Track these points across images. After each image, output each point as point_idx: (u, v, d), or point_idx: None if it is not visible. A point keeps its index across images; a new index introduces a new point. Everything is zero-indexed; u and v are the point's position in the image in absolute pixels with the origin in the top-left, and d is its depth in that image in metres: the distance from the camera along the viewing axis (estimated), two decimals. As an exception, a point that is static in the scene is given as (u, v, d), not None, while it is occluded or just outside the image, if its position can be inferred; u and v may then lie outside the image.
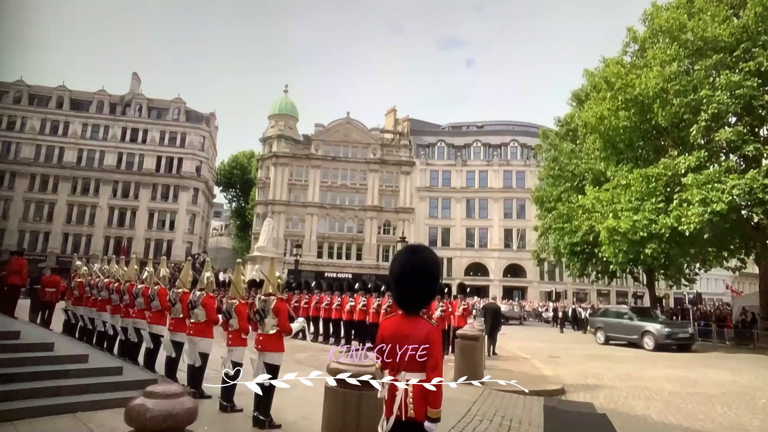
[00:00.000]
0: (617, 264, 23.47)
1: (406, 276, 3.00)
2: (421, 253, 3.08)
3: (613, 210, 20.88)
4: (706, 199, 17.53)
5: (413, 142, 56.54)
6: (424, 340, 2.81)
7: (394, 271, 3.07)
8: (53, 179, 52.31)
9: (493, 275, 53.04)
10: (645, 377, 12.11)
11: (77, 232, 52.18)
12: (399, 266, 3.06)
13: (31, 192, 51.71)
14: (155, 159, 54.66)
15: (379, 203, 53.87)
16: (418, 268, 3.00)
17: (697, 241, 19.47)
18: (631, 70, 21.74)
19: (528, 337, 24.16)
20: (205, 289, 7.15)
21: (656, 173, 19.96)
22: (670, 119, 19.96)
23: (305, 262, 48.65)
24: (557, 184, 30.65)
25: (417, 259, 3.03)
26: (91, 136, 53.85)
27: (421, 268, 3.00)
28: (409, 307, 2.98)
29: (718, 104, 18.29)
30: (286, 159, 53.81)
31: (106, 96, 55.05)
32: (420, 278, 2.99)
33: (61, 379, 6.22)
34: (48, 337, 7.30)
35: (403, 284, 3.01)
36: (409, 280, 2.99)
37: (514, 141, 55.99)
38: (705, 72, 19.80)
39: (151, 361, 8.23)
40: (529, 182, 50.52)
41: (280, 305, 5.87)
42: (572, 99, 31.41)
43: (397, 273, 3.04)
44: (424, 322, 2.91)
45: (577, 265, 31.00)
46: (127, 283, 9.21)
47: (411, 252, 3.10)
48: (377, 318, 13.76)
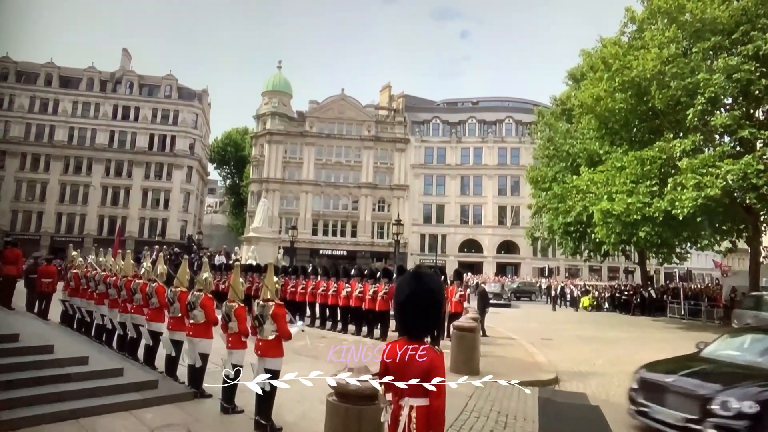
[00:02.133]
0: (610, 245, 23.70)
1: (412, 303, 3.04)
2: (426, 280, 3.11)
3: (608, 192, 20.96)
4: (700, 184, 17.62)
5: (408, 118, 56.17)
6: (427, 369, 2.85)
7: (400, 298, 3.12)
8: (45, 158, 51.78)
9: (487, 252, 53.45)
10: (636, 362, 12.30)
11: (71, 212, 51.91)
12: (404, 294, 3.10)
13: (22, 171, 51.20)
14: (148, 137, 54.08)
15: (373, 180, 53.81)
16: (423, 296, 3.04)
17: (690, 225, 19.63)
18: (629, 51, 21.54)
19: (520, 317, 24.52)
20: (203, 290, 7.17)
21: (651, 156, 19.98)
22: (667, 102, 19.88)
23: (300, 239, 48.72)
24: (552, 164, 30.69)
25: (423, 287, 3.06)
26: (82, 114, 53.11)
27: (426, 296, 3.04)
28: (414, 333, 3.03)
29: (715, 88, 18.22)
30: (280, 136, 53.40)
31: (96, 73, 54.07)
32: (425, 306, 3.04)
33: (63, 383, 6.28)
34: (47, 338, 7.33)
35: (408, 310, 3.06)
36: (415, 307, 3.03)
37: (509, 117, 55.76)
38: (703, 55, 19.67)
39: (151, 358, 8.29)
40: (523, 159, 50.53)
41: (279, 311, 5.92)
42: (568, 78, 31.19)
43: (402, 300, 3.09)
44: (428, 349, 2.95)
45: (570, 244, 31.29)
46: (125, 279, 9.23)
47: (416, 279, 3.13)
48: (373, 304, 13.88)
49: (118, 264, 9.85)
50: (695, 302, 26.17)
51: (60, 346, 7.11)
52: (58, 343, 7.23)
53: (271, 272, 6.22)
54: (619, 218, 20.19)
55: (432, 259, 51.14)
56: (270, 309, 5.92)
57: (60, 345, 7.17)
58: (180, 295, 7.53)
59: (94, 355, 7.43)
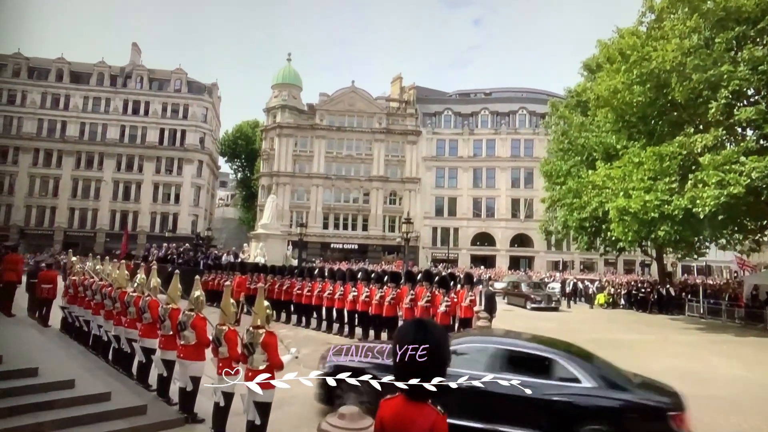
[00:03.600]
0: (626, 242, 22.98)
1: (413, 357, 2.60)
2: (432, 330, 2.70)
3: (624, 188, 20.22)
4: (723, 181, 16.85)
5: (419, 110, 55.44)
6: None
7: (400, 349, 2.69)
8: (57, 154, 52.04)
9: (500, 245, 52.80)
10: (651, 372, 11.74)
11: (83, 207, 52.20)
12: (405, 345, 2.67)
13: (35, 167, 51.52)
14: (158, 131, 54.10)
15: (384, 173, 53.30)
16: (428, 349, 2.60)
17: (712, 223, 18.85)
18: (648, 41, 20.67)
19: (533, 315, 23.94)
20: (195, 309, 6.78)
21: (671, 152, 19.19)
22: (688, 95, 19.03)
23: (311, 233, 48.58)
24: (566, 158, 29.90)
25: (428, 338, 2.63)
26: (93, 109, 53.22)
27: (431, 349, 2.60)
28: (415, 392, 2.60)
29: (739, 80, 17.37)
30: (290, 130, 53.04)
31: (106, 68, 54.09)
32: (430, 361, 2.60)
33: (45, 411, 5.95)
34: (32, 359, 6.99)
35: (409, 365, 2.63)
36: (417, 361, 2.60)
37: (522, 109, 54.81)
38: (726, 45, 18.75)
39: (144, 375, 7.97)
40: (537, 151, 49.67)
41: (269, 339, 5.49)
42: (583, 69, 30.28)
43: (402, 352, 2.66)
44: (429, 410, 2.55)
45: (585, 240, 30.59)
46: (119, 290, 8.89)
47: (421, 329, 2.70)
48: (380, 309, 13.52)
49: (114, 273, 9.51)
50: (715, 301, 25.36)
51: (45, 368, 6.75)
52: (44, 364, 6.87)
53: (262, 296, 5.79)
54: (636, 216, 19.47)
55: (444, 252, 50.74)
56: (260, 337, 5.50)
57: (46, 366, 6.82)
58: (171, 313, 7.15)
59: (83, 375, 7.09)
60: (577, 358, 6.42)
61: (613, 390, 5.93)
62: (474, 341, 7.00)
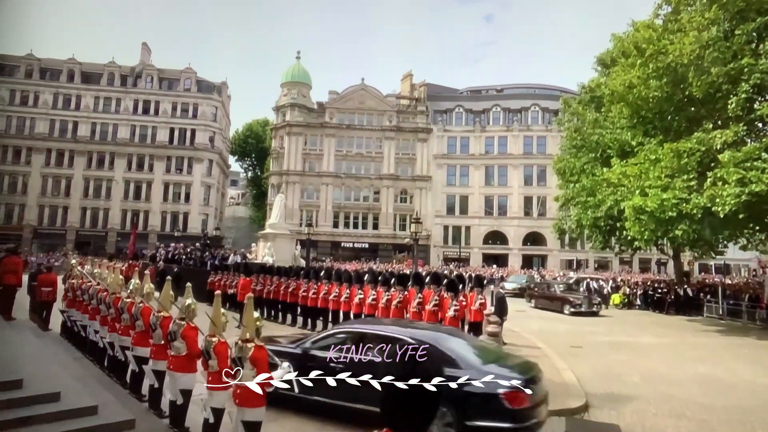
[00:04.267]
0: (642, 241, 22.30)
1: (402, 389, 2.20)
2: None
3: (641, 186, 19.57)
4: (744, 179, 16.16)
5: (430, 107, 54.90)
6: None
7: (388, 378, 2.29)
8: (68, 153, 52.42)
9: (513, 243, 52.15)
10: (673, 379, 11.26)
11: (95, 206, 52.49)
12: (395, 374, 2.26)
13: (47, 167, 51.90)
14: (168, 131, 54.20)
15: (395, 171, 52.87)
16: None
17: (732, 222, 18.15)
18: (664, 35, 19.97)
19: (548, 315, 23.38)
20: (186, 318, 6.45)
21: (689, 148, 18.48)
22: (706, 89, 18.34)
23: (321, 232, 48.36)
24: (580, 155, 29.20)
25: None
26: (104, 109, 53.48)
27: None
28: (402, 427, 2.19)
29: (761, 74, 16.65)
30: (299, 128, 52.82)
31: (116, 68, 54.31)
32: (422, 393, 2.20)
33: (27, 427, 5.64)
34: (18, 370, 6.69)
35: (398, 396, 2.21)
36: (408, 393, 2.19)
37: (535, 105, 54.04)
38: (747, 37, 18.01)
39: (137, 384, 7.66)
40: (550, 148, 48.91)
41: (258, 354, 5.13)
42: (597, 64, 29.54)
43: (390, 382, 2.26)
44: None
45: (600, 238, 29.89)
46: (114, 295, 8.60)
47: None
48: (387, 313, 13.13)
49: (108, 278, 9.23)
50: (735, 301, 24.58)
51: (31, 380, 6.45)
52: (29, 375, 6.57)
53: (251, 308, 5.41)
54: (652, 215, 18.82)
55: (456, 251, 50.20)
56: (249, 351, 5.13)
57: (31, 378, 6.52)
58: (163, 321, 6.82)
59: (71, 386, 6.78)
60: None
61: None
62: None
